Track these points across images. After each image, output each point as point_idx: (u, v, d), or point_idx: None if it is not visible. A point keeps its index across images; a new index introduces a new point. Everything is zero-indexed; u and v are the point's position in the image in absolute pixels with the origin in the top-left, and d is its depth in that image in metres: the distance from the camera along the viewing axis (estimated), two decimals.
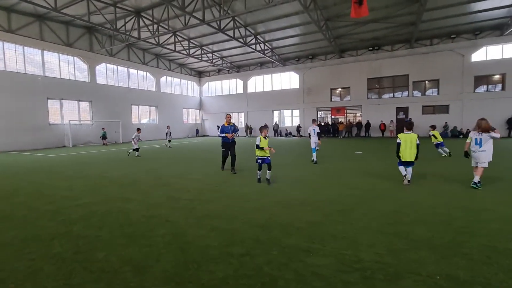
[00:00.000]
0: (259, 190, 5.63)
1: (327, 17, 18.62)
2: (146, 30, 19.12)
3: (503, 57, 20.81)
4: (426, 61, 23.02)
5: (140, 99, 26.95)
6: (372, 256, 2.74)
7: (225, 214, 4.15)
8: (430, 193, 5.14)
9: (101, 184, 6.60)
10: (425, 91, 23.71)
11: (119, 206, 4.73)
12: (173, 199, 5.08)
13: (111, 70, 24.45)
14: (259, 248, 2.98)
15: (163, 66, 29.44)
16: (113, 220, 4.02)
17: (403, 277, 2.37)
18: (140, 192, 5.70)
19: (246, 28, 20.73)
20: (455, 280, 2.30)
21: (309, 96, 28.34)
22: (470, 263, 2.58)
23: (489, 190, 5.26)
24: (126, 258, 2.84)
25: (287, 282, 2.33)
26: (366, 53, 25.25)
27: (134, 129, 25.79)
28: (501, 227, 3.40)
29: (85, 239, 3.33)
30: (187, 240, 3.24)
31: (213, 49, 26.32)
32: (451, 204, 4.43)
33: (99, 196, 5.43)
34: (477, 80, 21.69)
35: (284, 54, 27.34)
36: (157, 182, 6.68)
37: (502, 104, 20.67)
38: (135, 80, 26.80)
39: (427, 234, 3.25)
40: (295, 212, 4.17)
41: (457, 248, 2.89)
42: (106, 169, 8.98)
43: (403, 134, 6.21)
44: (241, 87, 32.46)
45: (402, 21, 19.09)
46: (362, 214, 4.01)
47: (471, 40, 21.44)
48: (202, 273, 2.51)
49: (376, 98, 25.56)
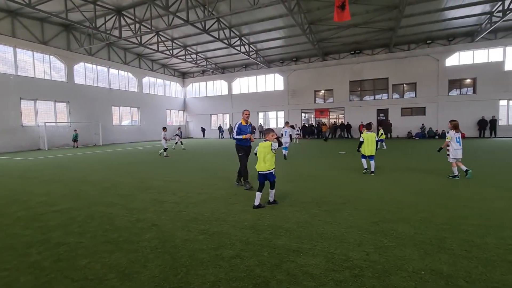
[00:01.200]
0: (246, 192, 5.61)
1: (311, 21, 18.97)
2: (128, 29, 18.58)
3: (474, 62, 22.13)
4: (404, 65, 24.02)
5: (121, 100, 26.13)
6: (360, 254, 2.80)
7: (213, 217, 4.09)
8: (412, 192, 5.33)
9: (81, 189, 6.32)
10: (404, 94, 24.72)
11: (102, 211, 4.54)
12: (159, 203, 4.95)
13: (90, 69, 23.55)
14: (249, 250, 2.96)
15: (145, 66, 28.74)
16: (96, 225, 3.85)
17: (391, 273, 2.43)
18: (123, 196, 5.50)
19: (231, 29, 20.70)
20: (439, 275, 2.39)
21: (293, 98, 28.70)
22: (452, 257, 2.69)
23: (467, 188, 5.54)
24: (111, 264, 2.72)
25: (279, 283, 2.33)
26: (348, 57, 25.96)
27: (114, 130, 25.15)
28: (479, 223, 3.59)
29: (65, 247, 3.16)
30: (175, 244, 3.16)
31: (197, 50, 26.06)
32: (433, 201, 4.62)
33: (80, 201, 5.19)
34: (451, 84, 22.91)
35: (269, 56, 27.54)
36: (141, 185, 6.49)
37: (473, 107, 21.93)
38: (116, 81, 25.96)
39: (411, 231, 3.36)
40: (284, 213, 4.19)
41: (440, 243, 3.01)
42: (86, 173, 8.61)
43: (365, 134, 7.28)
44: (226, 89, 32.33)
45: (381, 26, 19.82)
46: (348, 214, 4.09)
47: (445, 46, 22.64)
48: (191, 277, 2.46)
49: (358, 100, 26.32)
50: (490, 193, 5.08)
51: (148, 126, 29.03)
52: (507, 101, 21.61)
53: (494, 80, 21.42)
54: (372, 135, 7.22)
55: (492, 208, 4.20)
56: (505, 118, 21.92)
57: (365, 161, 7.43)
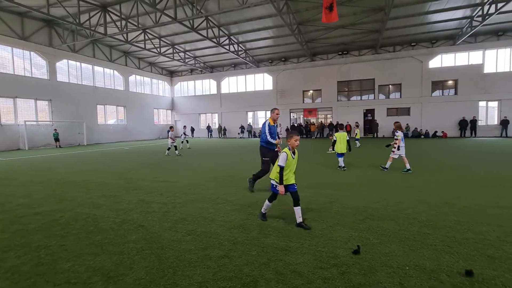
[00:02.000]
0: (234, 192, 5.59)
1: (299, 21, 19.12)
2: (114, 26, 18.12)
3: (455, 65, 22.95)
4: (390, 66, 24.62)
5: (106, 98, 25.47)
6: (347, 252, 2.84)
7: (201, 217, 4.05)
8: (395, 189, 5.47)
9: (64, 190, 6.11)
10: (389, 94, 25.32)
11: (86, 212, 4.41)
12: (146, 203, 4.85)
13: (74, 67, 22.83)
14: (237, 250, 2.95)
15: (132, 64, 28.12)
16: (80, 227, 3.73)
17: (377, 270, 2.49)
18: (109, 197, 5.37)
19: (220, 28, 20.57)
20: (423, 270, 2.46)
21: (282, 98, 28.85)
22: (435, 253, 2.78)
23: (447, 185, 5.74)
24: (96, 267, 2.65)
25: (267, 282, 2.33)
26: (336, 57, 26.35)
27: (99, 130, 24.52)
28: (459, 219, 3.72)
29: (47, 250, 3.05)
30: (162, 245, 3.10)
31: (186, 49, 25.76)
32: (415, 199, 4.76)
33: (63, 203, 5.02)
34: (434, 85, 23.68)
35: (258, 56, 27.56)
36: (127, 186, 6.34)
37: (455, 107, 22.76)
38: (101, 78, 25.28)
39: (395, 228, 3.45)
40: (272, 212, 4.20)
41: (423, 239, 3.10)
42: (70, 173, 8.34)
43: (338, 134, 7.92)
44: (215, 88, 32.12)
45: (368, 28, 20.22)
46: (335, 212, 4.15)
47: (429, 48, 23.36)
48: (179, 278, 2.42)
49: (345, 100, 26.75)
50: (469, 191, 5.29)
51: (135, 126, 28.47)
52: (486, 102, 22.55)
53: (474, 82, 22.31)
54: (343, 134, 7.88)
55: (471, 205, 4.37)
56: (484, 119, 22.87)
57: (341, 159, 7.93)
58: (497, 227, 3.40)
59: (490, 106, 22.60)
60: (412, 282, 2.28)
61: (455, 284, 2.25)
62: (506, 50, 21.55)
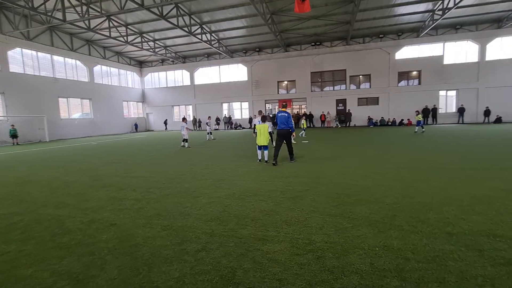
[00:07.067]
0: (211, 184, 5.53)
1: (273, 11, 18.98)
2: (73, 12, 16.64)
3: (419, 56, 24.30)
4: (360, 58, 25.45)
5: (69, 90, 23.65)
6: (322, 237, 2.95)
7: (177, 212, 3.96)
8: (363, 176, 5.74)
9: (24, 190, 5.64)
10: (360, 85, 26.28)
11: (50, 213, 4.11)
12: (117, 200, 4.63)
13: (29, 56, 20.81)
14: (215, 242, 2.93)
15: (96, 53, 26.26)
16: (42, 230, 3.47)
17: (349, 252, 2.60)
18: (75, 196, 5.05)
19: (191, 16, 19.81)
20: (391, 250, 2.62)
21: (257, 89, 28.78)
22: (401, 233, 2.97)
23: (412, 170, 6.13)
24: (62, 271, 2.48)
25: (245, 272, 2.34)
26: (309, 48, 26.66)
27: (62, 124, 22.83)
28: (423, 201, 4.01)
29: (5, 256, 2.81)
30: (136, 243, 2.99)
31: (155, 37, 24.55)
32: (383, 184, 5.03)
33: (22, 204, 4.63)
34: (400, 76, 24.96)
35: (231, 46, 27.07)
36: (95, 183, 6.00)
37: (418, 96, 24.26)
38: (61, 69, 23.36)
39: (366, 212, 3.63)
40: (249, 203, 4.21)
41: (391, 221, 3.30)
42: (30, 172, 7.70)
43: (258, 125, 7.37)
44: (188, 79, 31.16)
45: (339, 19, 20.63)
46: (311, 200, 4.27)
47: (395, 40, 24.45)
48: (154, 275, 2.36)
49: (318, 91, 27.34)
50: (432, 174, 5.70)
51: (103, 119, 26.89)
52: (446, 92, 24.28)
53: (435, 73, 23.86)
54: (264, 126, 7.26)
55: (433, 187, 4.72)
56: (444, 107, 24.66)
57: (260, 152, 7.53)
58: (455, 207, 3.71)
59: (449, 95, 24.39)
60: (381, 262, 2.42)
61: (419, 260, 2.42)
62: (463, 43, 23.21)
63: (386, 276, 2.21)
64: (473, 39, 22.81)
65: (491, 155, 7.78)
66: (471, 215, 3.39)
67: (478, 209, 3.60)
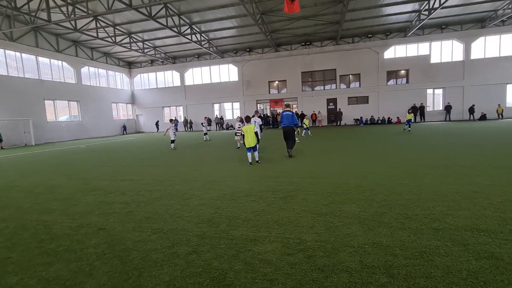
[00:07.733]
0: (202, 185, 5.50)
1: (263, 11, 19.01)
2: (59, 12, 16.24)
3: (407, 55, 24.79)
4: (349, 57, 25.77)
5: (56, 92, 23.08)
6: (312, 236, 2.97)
7: (168, 214, 3.93)
8: (355, 175, 5.82)
9: (9, 196, 5.48)
10: (350, 84, 26.60)
11: (37, 219, 4.01)
12: (106, 204, 4.56)
13: (12, 57, 20.20)
14: (206, 244, 2.92)
15: (83, 54, 25.71)
16: (29, 236, 3.38)
17: (339, 250, 2.64)
18: (63, 200, 4.94)
19: (180, 16, 19.64)
20: (380, 246, 2.67)
21: (248, 89, 28.76)
22: (390, 230, 3.03)
23: (401, 168, 6.25)
24: (49, 278, 2.43)
25: (236, 273, 2.35)
26: (299, 48, 26.82)
27: (49, 127, 22.27)
28: (411, 197, 4.09)
29: None
30: (125, 247, 2.95)
31: (144, 38, 24.22)
32: (373, 182, 5.12)
33: (7, 210, 4.51)
34: (389, 75, 25.40)
35: (222, 46, 26.97)
36: (84, 187, 5.89)
37: (407, 95, 24.75)
38: (47, 71, 22.77)
39: (356, 210, 3.68)
40: (240, 204, 4.21)
41: (380, 219, 3.36)
42: (15, 177, 7.49)
43: (244, 127, 7.19)
44: (178, 80, 30.87)
45: (328, 19, 20.83)
46: (302, 199, 4.30)
47: (383, 40, 24.86)
48: (144, 279, 2.33)
49: (309, 90, 27.54)
50: (419, 171, 5.82)
51: (92, 122, 26.37)
52: (433, 90, 24.85)
53: (422, 71, 24.39)
54: (251, 127, 7.07)
55: (421, 184, 4.82)
56: (431, 105, 25.24)
57: (250, 154, 7.28)
58: (441, 202, 3.81)
59: (436, 93, 24.97)
60: (371, 259, 2.46)
61: (407, 256, 2.48)
62: (449, 42, 23.81)
63: (375, 273, 2.25)
64: (458, 39, 23.42)
65: (476, 151, 8.01)
66: (457, 211, 3.48)
67: (463, 204, 3.70)
